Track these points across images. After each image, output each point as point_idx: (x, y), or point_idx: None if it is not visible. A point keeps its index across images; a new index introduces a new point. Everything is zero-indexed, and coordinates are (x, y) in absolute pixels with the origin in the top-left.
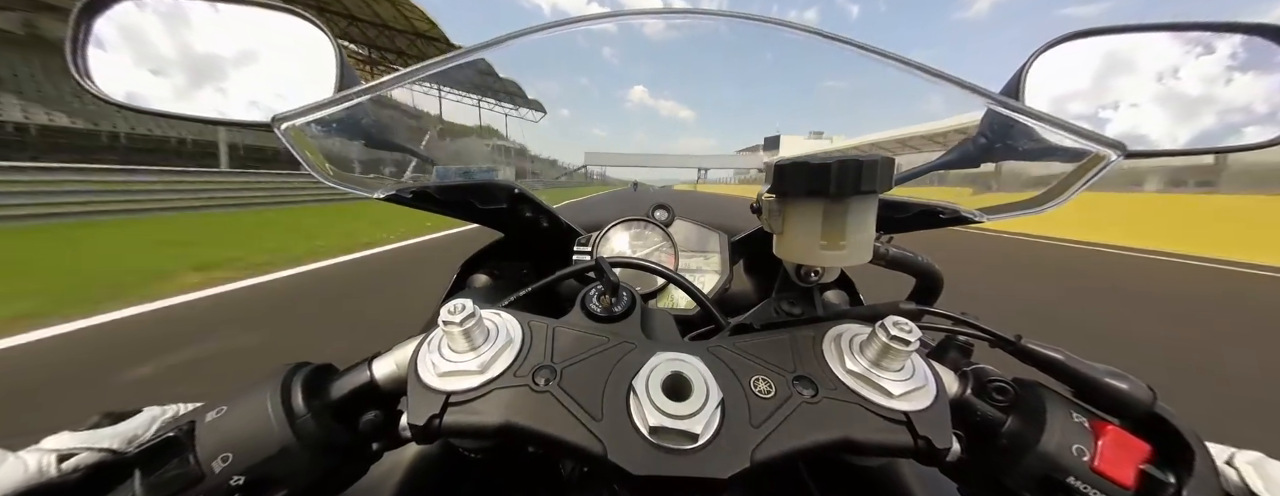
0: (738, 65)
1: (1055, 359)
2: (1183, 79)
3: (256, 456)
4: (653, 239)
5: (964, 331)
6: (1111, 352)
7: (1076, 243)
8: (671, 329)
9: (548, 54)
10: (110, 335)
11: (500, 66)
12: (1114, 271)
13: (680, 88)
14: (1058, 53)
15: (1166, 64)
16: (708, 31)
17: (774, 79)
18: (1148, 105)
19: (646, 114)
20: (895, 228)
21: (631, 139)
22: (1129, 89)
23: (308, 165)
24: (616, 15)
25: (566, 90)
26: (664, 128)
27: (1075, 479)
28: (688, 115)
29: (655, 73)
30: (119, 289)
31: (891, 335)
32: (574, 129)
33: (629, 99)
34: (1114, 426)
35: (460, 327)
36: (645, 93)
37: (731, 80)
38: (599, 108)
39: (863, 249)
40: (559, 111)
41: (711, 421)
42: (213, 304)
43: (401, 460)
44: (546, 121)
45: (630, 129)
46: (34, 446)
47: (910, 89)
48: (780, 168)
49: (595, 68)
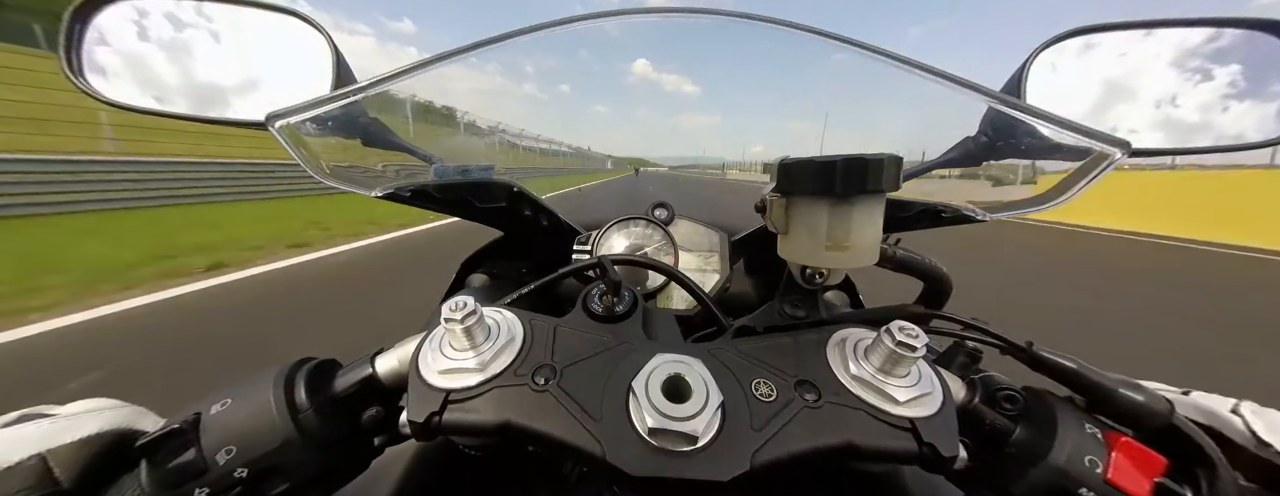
0: (737, 64)
1: (1068, 367)
2: (1186, 76)
3: (259, 449)
4: (653, 238)
5: (973, 337)
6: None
7: (1121, 233)
8: (673, 330)
9: (548, 51)
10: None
11: (501, 61)
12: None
13: (682, 74)
14: (1059, 50)
15: (1168, 61)
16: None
17: (774, 78)
18: (1150, 102)
19: (650, 91)
20: (897, 227)
21: (634, 114)
22: (1131, 86)
23: (304, 163)
24: (617, 14)
25: (567, 75)
26: (667, 106)
27: (1087, 490)
28: (692, 93)
29: (653, 67)
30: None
31: (897, 340)
32: (575, 110)
33: (631, 76)
34: (1128, 438)
35: (461, 325)
36: (648, 67)
37: (730, 81)
38: (599, 84)
39: (869, 250)
40: (558, 87)
41: (711, 424)
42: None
43: (403, 455)
44: (546, 102)
45: (633, 107)
46: (40, 426)
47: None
48: (785, 166)
49: (594, 61)
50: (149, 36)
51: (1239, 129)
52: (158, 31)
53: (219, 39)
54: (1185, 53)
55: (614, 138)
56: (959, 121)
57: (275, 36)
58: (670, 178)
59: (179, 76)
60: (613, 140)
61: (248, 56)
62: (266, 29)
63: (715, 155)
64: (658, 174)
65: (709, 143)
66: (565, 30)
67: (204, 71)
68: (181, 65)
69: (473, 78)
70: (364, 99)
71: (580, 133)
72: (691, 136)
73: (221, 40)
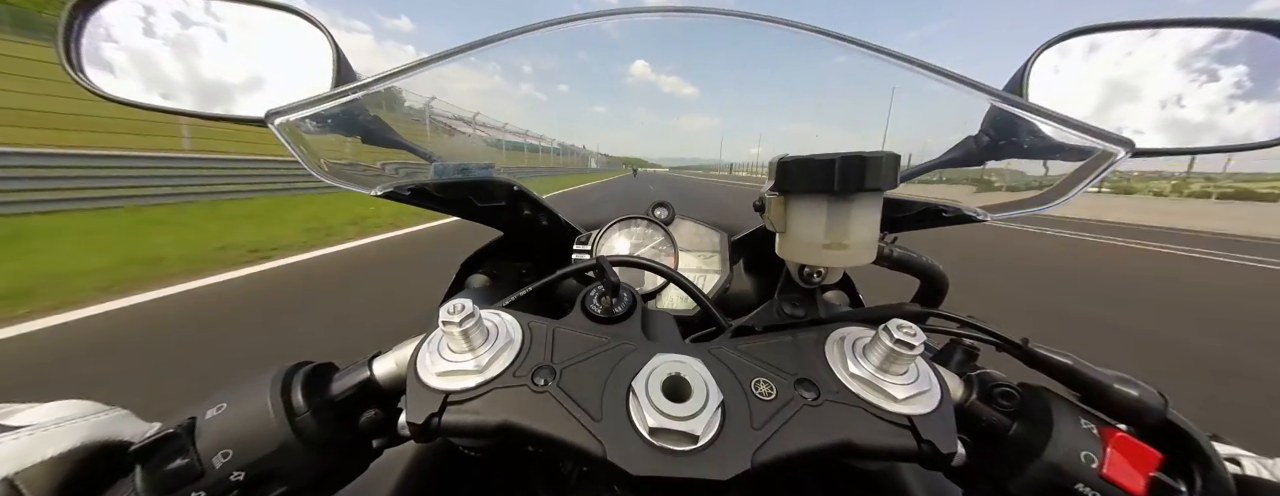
0: (737, 63)
1: (1063, 364)
2: (1188, 76)
3: (256, 453)
4: (653, 238)
5: (970, 334)
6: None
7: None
8: (672, 330)
9: (547, 50)
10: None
11: (500, 61)
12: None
13: (681, 75)
14: (1060, 50)
15: (1170, 61)
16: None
17: (773, 78)
18: (1151, 103)
19: (648, 91)
20: (897, 226)
21: (632, 114)
22: (1132, 86)
23: (303, 161)
24: (617, 14)
25: (565, 75)
26: (667, 107)
27: (1083, 485)
28: (690, 94)
29: (652, 68)
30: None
31: (895, 339)
32: (574, 108)
33: (629, 77)
34: (1123, 433)
35: (459, 328)
36: (647, 68)
37: (729, 81)
38: (598, 83)
39: (867, 249)
40: (557, 87)
41: (712, 423)
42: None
43: (401, 458)
44: (545, 102)
45: (631, 106)
46: (32, 434)
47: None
48: (784, 164)
49: (594, 57)
50: (149, 32)
51: (1242, 129)
52: (158, 27)
53: (219, 35)
54: (1187, 53)
55: (612, 138)
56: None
57: (276, 33)
58: (670, 180)
59: (178, 72)
60: (610, 140)
61: (248, 53)
62: (267, 26)
63: (712, 156)
64: (657, 175)
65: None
66: (564, 29)
67: (204, 67)
68: (181, 61)
69: (471, 78)
70: (364, 97)
71: (577, 133)
72: (690, 138)
73: (222, 36)
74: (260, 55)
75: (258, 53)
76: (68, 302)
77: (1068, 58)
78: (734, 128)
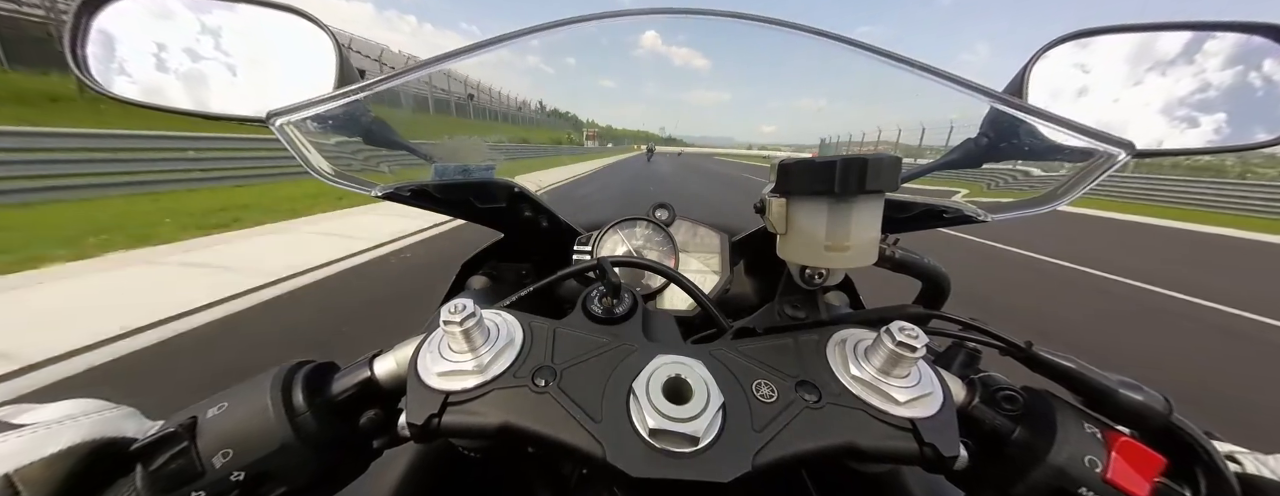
0: (734, 64)
1: (1067, 368)
2: (1186, 78)
3: (256, 452)
4: (653, 238)
5: (972, 337)
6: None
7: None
8: (673, 331)
9: (547, 47)
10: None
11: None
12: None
13: (691, 45)
14: (1060, 52)
15: (1168, 63)
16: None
17: (773, 76)
18: (1150, 104)
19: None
20: (898, 227)
21: (641, 89)
22: (1131, 88)
23: (303, 161)
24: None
25: (566, 77)
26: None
27: (1088, 490)
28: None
29: (652, 69)
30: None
31: (897, 341)
32: (582, 82)
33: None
34: (1127, 437)
35: (460, 328)
36: (657, 39)
37: (730, 81)
38: (597, 83)
39: (868, 250)
40: (565, 59)
41: (712, 425)
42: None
43: (401, 457)
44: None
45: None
46: (33, 432)
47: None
48: (785, 166)
49: (594, 57)
50: (153, 32)
51: (1241, 130)
52: (162, 27)
53: (223, 35)
54: (1185, 56)
55: (620, 113)
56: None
57: (280, 34)
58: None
59: (182, 72)
60: (620, 115)
61: (251, 53)
62: (271, 27)
63: (721, 134)
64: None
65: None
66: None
67: (207, 67)
68: (185, 61)
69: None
70: (365, 97)
71: (583, 107)
72: (699, 112)
73: (225, 37)
74: (263, 55)
75: (261, 53)
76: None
77: (1066, 61)
78: (730, 128)
